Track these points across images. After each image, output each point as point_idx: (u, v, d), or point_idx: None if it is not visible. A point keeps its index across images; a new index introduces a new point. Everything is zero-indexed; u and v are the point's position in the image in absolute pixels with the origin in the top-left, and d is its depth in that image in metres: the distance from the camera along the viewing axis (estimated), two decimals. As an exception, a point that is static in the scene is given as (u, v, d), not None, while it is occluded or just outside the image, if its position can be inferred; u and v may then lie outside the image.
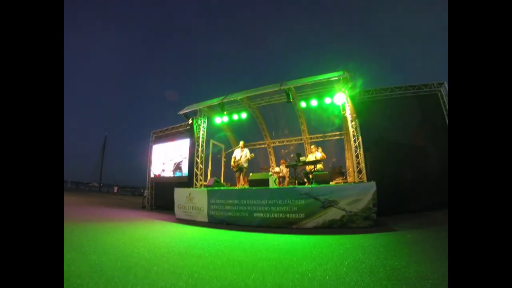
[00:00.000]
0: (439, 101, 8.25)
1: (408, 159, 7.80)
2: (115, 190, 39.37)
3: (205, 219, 7.25)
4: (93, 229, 5.66)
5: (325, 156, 8.36)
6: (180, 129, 12.47)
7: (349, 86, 7.37)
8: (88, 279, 2.53)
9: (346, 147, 10.80)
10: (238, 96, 8.63)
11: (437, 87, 8.37)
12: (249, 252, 3.80)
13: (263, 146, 12.70)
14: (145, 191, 13.79)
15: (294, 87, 7.91)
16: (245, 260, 3.30)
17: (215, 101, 8.86)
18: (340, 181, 8.76)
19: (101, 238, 4.74)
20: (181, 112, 9.73)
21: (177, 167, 12.30)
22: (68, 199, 15.42)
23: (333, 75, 7.08)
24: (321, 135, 11.43)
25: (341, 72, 7.00)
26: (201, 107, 9.47)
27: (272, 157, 12.55)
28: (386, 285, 2.31)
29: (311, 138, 11.52)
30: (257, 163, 12.12)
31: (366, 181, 6.52)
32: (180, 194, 8.24)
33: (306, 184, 7.55)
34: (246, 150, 8.86)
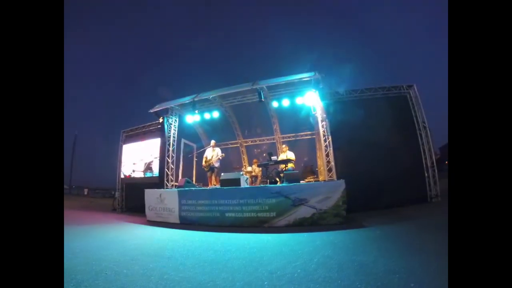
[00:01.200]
0: (408, 103, 8.62)
1: (379, 157, 8.04)
2: (86, 192, 37.68)
3: (177, 221, 7.09)
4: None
5: (294, 158, 8.50)
6: (151, 128, 12.05)
7: (320, 86, 7.53)
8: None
9: (317, 146, 11.03)
10: (210, 95, 8.55)
11: (407, 90, 8.74)
12: (219, 252, 3.77)
13: (235, 145, 12.65)
14: (116, 193, 13.24)
15: (266, 87, 7.96)
16: (215, 260, 3.28)
17: (186, 100, 8.71)
18: (312, 179, 8.92)
19: (71, 242, 4.57)
20: (151, 111, 9.50)
21: (148, 167, 11.91)
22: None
23: (304, 76, 7.21)
24: (293, 134, 11.59)
25: (312, 73, 7.13)
26: (172, 105, 9.28)
27: (245, 157, 12.55)
28: (354, 280, 2.37)
29: (283, 138, 11.64)
30: (230, 162, 12.06)
31: (335, 179, 6.69)
32: (150, 195, 8.00)
33: (278, 183, 7.61)
34: (218, 150, 8.81)
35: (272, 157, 8.27)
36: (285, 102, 8.44)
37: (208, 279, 2.55)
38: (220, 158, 8.66)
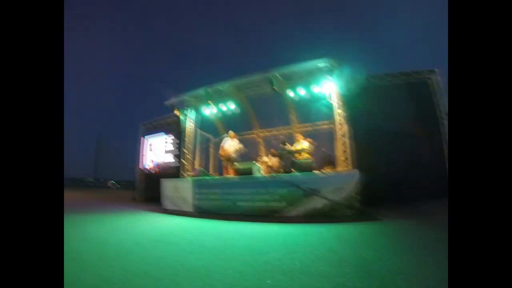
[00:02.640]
0: (429, 89, 8.16)
1: (398, 148, 7.66)
2: (110, 185, 39.60)
3: (191, 209, 7.21)
4: (78, 220, 5.73)
5: (312, 148, 8.29)
6: (168, 120, 12.34)
7: (336, 73, 7.23)
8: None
9: (334, 137, 10.70)
10: (223, 86, 8.49)
11: (428, 75, 8.26)
12: (223, 239, 3.77)
13: (252, 136, 12.55)
14: (136, 184, 13.73)
15: (280, 75, 7.76)
16: (216, 248, 3.27)
17: (200, 90, 8.73)
18: (329, 169, 8.70)
19: (84, 228, 4.82)
20: (167, 103, 9.59)
21: (166, 158, 12.22)
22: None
23: (319, 62, 6.96)
24: (310, 124, 11.30)
25: (327, 59, 6.87)
26: (187, 97, 9.32)
27: (262, 147, 12.44)
28: (352, 278, 2.17)
29: (300, 128, 11.38)
30: (247, 153, 12.00)
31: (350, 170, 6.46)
32: (166, 185, 8.20)
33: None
34: (236, 141, 8.75)
35: (284, 146, 8.12)
36: (301, 92, 8.20)
37: (202, 265, 2.53)
38: (238, 149, 8.59)
